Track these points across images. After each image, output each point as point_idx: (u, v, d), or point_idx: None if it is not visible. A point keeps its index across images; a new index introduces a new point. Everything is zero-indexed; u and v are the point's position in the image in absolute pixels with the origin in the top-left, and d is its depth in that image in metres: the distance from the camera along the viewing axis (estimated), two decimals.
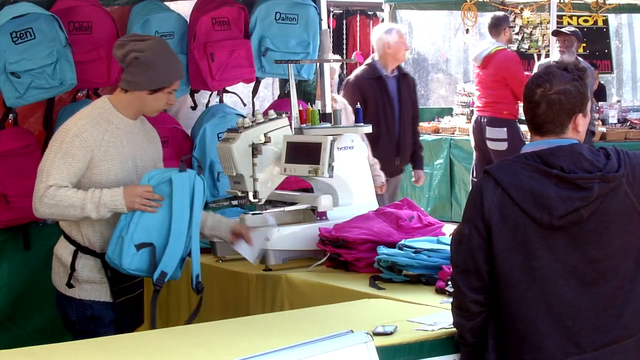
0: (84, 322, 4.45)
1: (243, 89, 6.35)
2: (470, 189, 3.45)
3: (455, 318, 3.47)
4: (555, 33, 9.98)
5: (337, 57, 12.87)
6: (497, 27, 9.61)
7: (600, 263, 3.33)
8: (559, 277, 3.31)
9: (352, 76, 7.92)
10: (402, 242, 4.59)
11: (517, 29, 11.93)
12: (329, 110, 5.62)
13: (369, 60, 7.96)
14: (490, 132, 9.50)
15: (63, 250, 4.48)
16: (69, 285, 4.45)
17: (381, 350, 3.27)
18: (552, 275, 3.30)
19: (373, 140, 6.94)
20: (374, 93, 7.73)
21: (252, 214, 5.04)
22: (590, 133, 9.37)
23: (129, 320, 4.56)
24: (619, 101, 12.55)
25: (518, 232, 3.30)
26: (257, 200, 4.97)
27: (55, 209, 4.22)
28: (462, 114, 12.15)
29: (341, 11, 15.01)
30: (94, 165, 4.31)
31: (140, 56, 4.36)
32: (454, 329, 3.57)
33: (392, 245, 4.63)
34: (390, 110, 7.78)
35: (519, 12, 11.80)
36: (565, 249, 3.31)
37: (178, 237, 4.28)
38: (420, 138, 11.64)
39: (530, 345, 3.32)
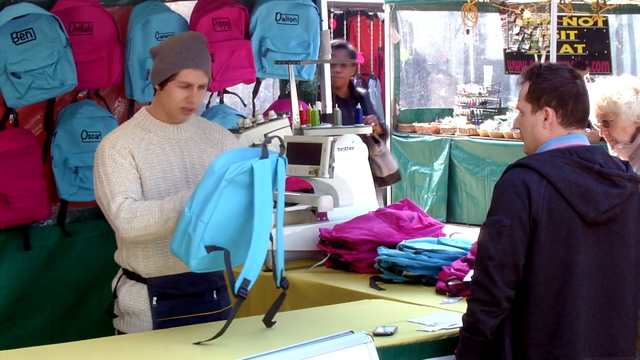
0: None
1: (243, 89, 6.35)
2: (502, 181, 3.32)
3: (479, 315, 3.30)
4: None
5: None
6: None
7: (619, 268, 3.35)
8: (589, 274, 3.30)
9: None
10: (403, 242, 4.59)
11: (517, 30, 11.92)
12: (329, 110, 5.62)
13: None
14: None
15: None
16: (110, 313, 4.07)
17: (381, 350, 3.27)
18: (586, 271, 3.29)
19: None
20: None
21: None
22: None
23: None
24: None
25: (563, 226, 3.26)
26: None
27: (136, 221, 3.76)
28: (462, 115, 12.16)
29: (342, 12, 15.01)
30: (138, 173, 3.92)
31: (152, 49, 4.07)
32: (454, 329, 3.56)
33: (392, 245, 4.63)
34: None
35: (519, 12, 11.79)
36: (594, 246, 3.31)
37: (261, 237, 3.61)
38: (420, 139, 11.73)
39: (562, 340, 3.27)
